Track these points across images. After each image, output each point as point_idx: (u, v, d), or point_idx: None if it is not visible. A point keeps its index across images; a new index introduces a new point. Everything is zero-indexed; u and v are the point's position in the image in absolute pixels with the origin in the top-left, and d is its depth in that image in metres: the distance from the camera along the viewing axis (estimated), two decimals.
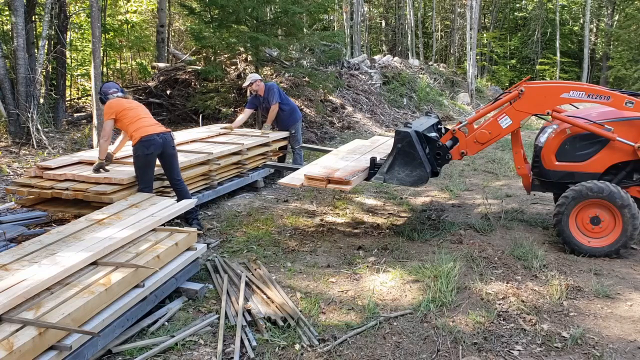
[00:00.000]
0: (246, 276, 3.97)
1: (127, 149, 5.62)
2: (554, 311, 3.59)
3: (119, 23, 16.15)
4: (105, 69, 14.86)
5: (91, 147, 8.11)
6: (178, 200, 4.66)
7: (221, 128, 7.52)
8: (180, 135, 6.75)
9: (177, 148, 5.27)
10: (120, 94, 5.04)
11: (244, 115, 7.47)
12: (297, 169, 6.27)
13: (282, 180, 5.01)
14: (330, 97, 13.06)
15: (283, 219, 5.71)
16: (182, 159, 5.54)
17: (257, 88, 7.27)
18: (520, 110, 4.83)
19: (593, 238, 4.62)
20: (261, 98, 7.31)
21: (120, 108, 4.87)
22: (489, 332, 3.31)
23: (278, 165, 6.78)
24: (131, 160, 5.26)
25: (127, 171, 4.96)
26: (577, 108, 5.48)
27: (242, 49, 10.84)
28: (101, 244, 3.28)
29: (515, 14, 33.24)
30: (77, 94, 14.86)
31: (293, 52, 11.51)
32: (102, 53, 11.44)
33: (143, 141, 4.74)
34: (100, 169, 4.93)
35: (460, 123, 5.13)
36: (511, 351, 3.11)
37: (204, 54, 12.06)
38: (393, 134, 4.93)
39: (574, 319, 3.49)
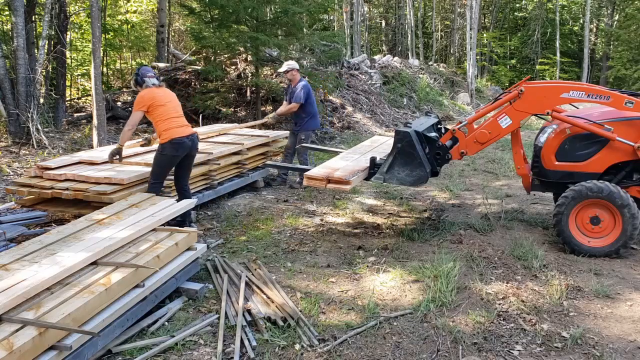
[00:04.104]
0: (246, 276, 3.97)
1: (131, 150, 5.64)
2: (554, 311, 3.59)
3: (119, 23, 16.15)
4: (105, 69, 14.86)
5: (91, 147, 8.11)
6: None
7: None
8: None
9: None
10: (155, 81, 4.83)
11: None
12: (299, 169, 6.29)
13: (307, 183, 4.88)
14: (330, 97, 13.05)
15: (283, 219, 5.71)
16: None
17: (292, 77, 7.05)
18: (520, 110, 4.83)
19: (593, 238, 4.62)
20: (290, 88, 7.11)
21: (152, 101, 4.68)
22: (489, 332, 3.31)
23: (278, 165, 6.78)
24: (134, 160, 5.28)
25: (127, 171, 4.96)
26: (577, 108, 5.49)
27: (242, 49, 10.84)
28: (101, 244, 3.28)
29: (515, 14, 33.21)
30: (77, 94, 14.85)
31: (293, 52, 11.51)
32: (102, 53, 11.43)
33: (174, 143, 4.69)
34: (117, 155, 4.94)
35: (460, 123, 5.13)
36: (511, 351, 3.11)
37: (204, 54, 12.06)
38: (393, 134, 4.93)
39: (574, 319, 3.49)
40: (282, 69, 7.16)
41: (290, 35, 10.86)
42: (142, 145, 5.20)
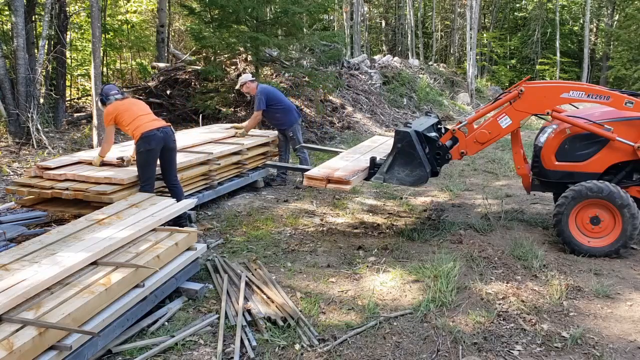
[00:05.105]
0: (246, 276, 3.97)
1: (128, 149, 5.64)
2: (554, 311, 3.59)
3: (119, 23, 16.13)
4: (105, 69, 14.85)
5: (91, 147, 8.10)
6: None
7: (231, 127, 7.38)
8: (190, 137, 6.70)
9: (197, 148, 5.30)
10: (119, 95, 5.09)
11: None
12: (299, 169, 6.28)
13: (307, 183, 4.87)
14: (330, 97, 13.05)
15: (283, 219, 5.71)
16: (182, 158, 5.55)
17: (248, 90, 7.07)
18: (520, 110, 4.83)
19: (593, 238, 4.62)
20: (251, 99, 7.16)
21: (116, 112, 4.94)
22: (489, 332, 3.31)
23: (279, 165, 6.78)
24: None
25: (127, 171, 4.97)
26: (577, 108, 5.49)
27: (242, 49, 10.83)
28: (101, 244, 3.28)
29: (515, 14, 33.21)
30: (77, 94, 14.83)
31: (293, 52, 11.50)
32: (102, 53, 11.43)
33: (144, 137, 4.78)
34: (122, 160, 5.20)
35: (460, 123, 5.13)
36: (511, 351, 3.11)
37: (204, 54, 12.05)
38: (393, 134, 4.93)
39: (574, 319, 3.49)
40: (237, 86, 7.23)
41: (290, 35, 10.86)
42: (117, 165, 5.20)
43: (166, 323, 3.36)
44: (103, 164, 5.16)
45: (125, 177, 4.75)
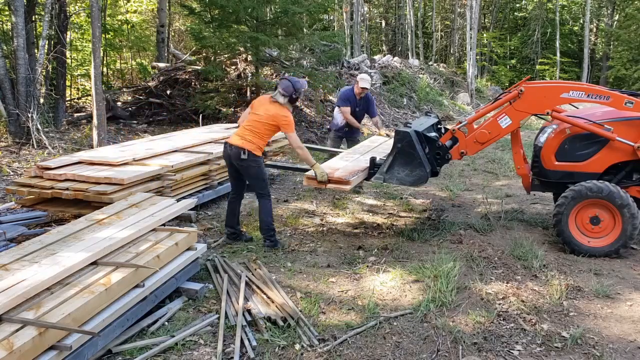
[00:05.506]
0: (246, 276, 3.97)
1: (151, 151, 5.66)
2: (554, 311, 3.59)
3: (119, 23, 16.15)
4: (105, 69, 14.86)
5: (91, 147, 8.10)
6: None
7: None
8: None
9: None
10: (279, 97, 4.64)
11: (347, 113, 6.89)
12: (299, 169, 6.27)
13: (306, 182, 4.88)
14: (330, 97, 13.05)
15: (283, 219, 5.71)
16: (182, 158, 5.55)
17: (362, 92, 6.78)
18: (519, 110, 4.83)
19: (593, 238, 4.62)
20: (359, 101, 6.82)
21: (253, 105, 4.82)
22: (489, 332, 3.31)
23: (278, 165, 6.77)
24: (148, 162, 5.33)
25: (127, 171, 4.96)
26: (577, 108, 5.49)
27: (242, 49, 10.83)
28: (101, 244, 3.28)
29: (515, 14, 33.22)
30: (77, 94, 14.84)
31: (293, 52, 11.50)
32: (102, 53, 11.44)
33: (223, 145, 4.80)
34: None
35: (460, 123, 5.13)
36: (511, 351, 3.11)
37: (204, 54, 12.05)
38: (393, 133, 4.93)
39: (574, 319, 3.49)
40: (362, 84, 6.71)
41: (290, 35, 10.86)
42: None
43: (166, 323, 3.35)
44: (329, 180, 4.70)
45: (125, 177, 4.75)
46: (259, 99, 4.88)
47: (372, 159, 5.03)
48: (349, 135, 7.05)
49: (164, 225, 3.95)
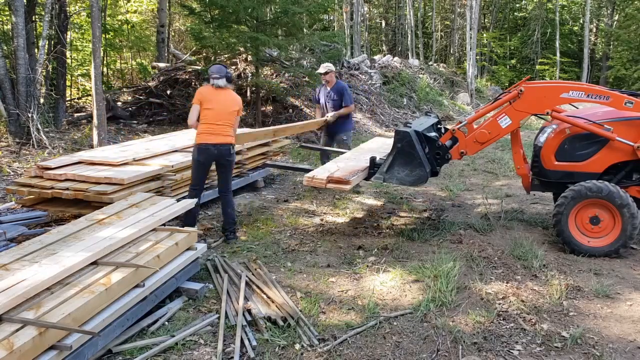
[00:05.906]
0: (246, 276, 3.97)
1: (151, 151, 5.65)
2: (554, 311, 3.60)
3: (119, 23, 16.14)
4: (105, 69, 14.86)
5: (91, 147, 8.10)
6: (223, 209, 4.95)
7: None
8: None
9: None
10: (219, 82, 4.86)
11: (319, 112, 6.99)
12: (299, 169, 6.29)
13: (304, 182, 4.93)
14: None
15: (283, 219, 5.72)
16: (182, 158, 5.55)
17: (330, 79, 6.78)
18: (519, 110, 4.83)
19: (592, 238, 4.62)
20: (328, 91, 6.78)
21: (203, 99, 4.82)
22: (489, 331, 3.31)
23: (278, 165, 6.78)
24: (148, 162, 5.32)
25: (127, 171, 4.96)
26: (577, 108, 5.49)
27: (242, 49, 10.83)
28: (101, 244, 3.28)
29: (515, 14, 33.22)
30: (77, 94, 14.83)
31: (293, 52, 11.51)
32: (102, 53, 11.43)
33: (199, 147, 4.79)
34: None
35: (460, 123, 5.13)
36: (511, 351, 3.11)
37: (204, 54, 12.06)
38: (393, 133, 4.93)
39: (573, 319, 3.49)
40: (321, 71, 6.81)
41: (290, 35, 10.86)
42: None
43: (166, 323, 3.36)
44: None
45: (125, 177, 4.75)
46: (203, 95, 4.86)
47: (372, 159, 5.03)
48: (332, 130, 6.84)
49: (164, 225, 3.96)
